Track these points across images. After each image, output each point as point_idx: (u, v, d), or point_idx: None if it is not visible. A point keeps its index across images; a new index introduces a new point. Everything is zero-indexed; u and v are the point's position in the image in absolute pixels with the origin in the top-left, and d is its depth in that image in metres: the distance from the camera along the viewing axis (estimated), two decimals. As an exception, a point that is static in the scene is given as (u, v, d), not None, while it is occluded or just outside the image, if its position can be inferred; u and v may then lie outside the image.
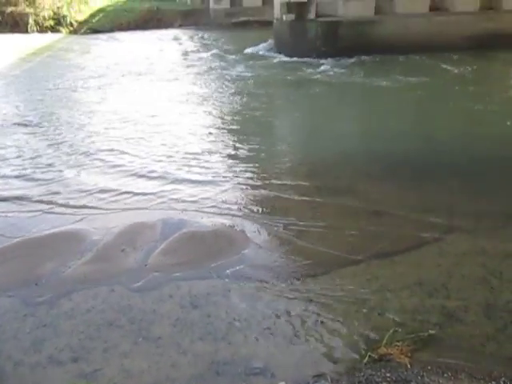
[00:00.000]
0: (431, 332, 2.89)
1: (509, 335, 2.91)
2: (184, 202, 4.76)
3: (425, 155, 6.09)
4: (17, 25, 24.90)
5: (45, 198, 4.93)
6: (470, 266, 3.61)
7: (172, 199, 4.83)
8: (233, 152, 6.26)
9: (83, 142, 6.83)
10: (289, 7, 14.77)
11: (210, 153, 6.20)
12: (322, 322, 3.03)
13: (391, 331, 2.88)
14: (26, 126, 7.75)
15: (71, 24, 25.92)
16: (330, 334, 2.93)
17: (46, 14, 25.14)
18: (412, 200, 4.76)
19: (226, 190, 5.04)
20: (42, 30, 24.83)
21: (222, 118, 7.96)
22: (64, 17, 25.66)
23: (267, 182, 5.24)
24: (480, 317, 3.06)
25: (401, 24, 14.74)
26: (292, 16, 14.78)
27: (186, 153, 6.18)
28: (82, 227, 4.32)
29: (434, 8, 15.92)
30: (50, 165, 5.88)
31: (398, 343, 2.78)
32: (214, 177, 5.39)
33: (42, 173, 5.63)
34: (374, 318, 3.06)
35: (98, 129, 7.45)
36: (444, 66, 12.48)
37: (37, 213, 4.63)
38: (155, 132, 7.14)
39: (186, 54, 16.91)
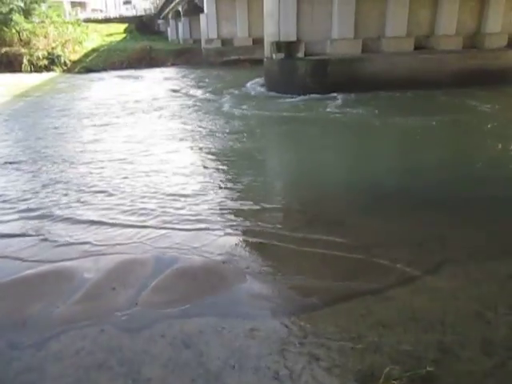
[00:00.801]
0: (429, 369, 2.83)
1: (507, 372, 2.85)
2: (175, 241, 4.64)
3: (418, 190, 6.09)
4: (11, 64, 25.36)
5: (30, 243, 4.74)
6: (464, 299, 3.57)
7: (161, 246, 4.56)
8: (225, 189, 6.19)
9: (71, 183, 6.56)
10: (278, 46, 15.25)
11: (202, 191, 6.10)
12: (317, 360, 2.97)
13: (388, 369, 2.81)
14: (15, 165, 7.63)
15: (65, 63, 26.44)
16: (326, 373, 2.86)
17: (40, 54, 25.67)
18: (404, 233, 4.74)
19: (217, 227, 4.97)
20: (36, 69, 25.29)
21: (215, 156, 7.86)
22: (58, 57, 26.20)
23: (260, 219, 5.17)
24: (477, 353, 3.01)
25: (388, 61, 15.26)
26: (282, 55, 15.24)
27: (176, 193, 6.01)
28: (72, 265, 4.25)
29: (419, 46, 16.50)
30: (35, 206, 5.69)
31: (395, 382, 2.72)
32: (204, 214, 5.30)
33: (25, 214, 5.43)
34: (370, 356, 3.00)
35: (89, 169, 7.21)
36: (446, 100, 12.87)
37: (20, 259, 4.40)
38: (145, 173, 6.91)
39: (179, 91, 17.22)
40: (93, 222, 5.15)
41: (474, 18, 17.18)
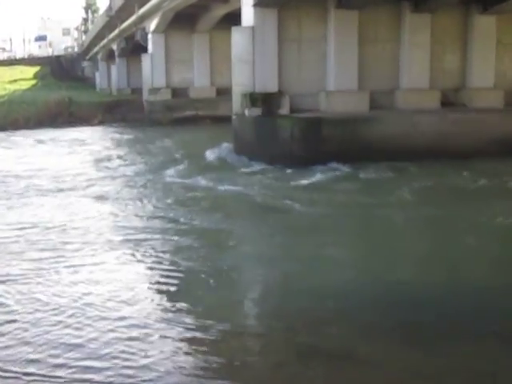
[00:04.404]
0: None
1: None
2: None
3: (440, 304, 6.16)
4: None
5: None
6: None
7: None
8: (188, 307, 6.19)
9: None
10: (253, 100, 15.59)
11: (155, 319, 5.92)
12: None
13: None
14: None
15: None
16: None
17: None
18: (425, 365, 4.70)
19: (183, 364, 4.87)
20: None
21: (164, 268, 7.70)
22: None
23: (232, 351, 5.11)
24: None
25: (405, 123, 15.67)
26: (258, 111, 15.55)
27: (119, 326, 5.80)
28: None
29: (447, 103, 17.18)
30: None
31: None
32: (160, 352, 5.18)
33: None
34: None
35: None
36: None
37: None
38: (64, 298, 6.60)
39: (107, 163, 17.12)
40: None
41: (518, 67, 18.20)
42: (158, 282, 7.33)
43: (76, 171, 15.29)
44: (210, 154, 17.05)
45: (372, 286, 7.04)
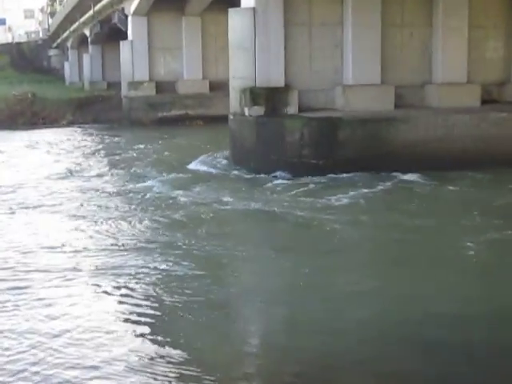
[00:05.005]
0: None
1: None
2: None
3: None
4: None
5: None
6: None
7: None
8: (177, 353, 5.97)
9: None
10: (254, 96, 15.46)
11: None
12: None
13: None
14: None
15: None
16: None
17: None
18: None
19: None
20: None
21: (146, 308, 7.50)
22: None
23: None
24: None
25: (438, 123, 15.51)
26: (260, 109, 15.42)
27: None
28: None
29: (488, 99, 17.04)
30: None
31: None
32: None
33: None
34: None
35: None
36: None
37: None
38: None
39: (76, 174, 17.01)
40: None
41: None
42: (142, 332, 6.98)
43: (41, 185, 15.24)
44: (202, 165, 16.94)
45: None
